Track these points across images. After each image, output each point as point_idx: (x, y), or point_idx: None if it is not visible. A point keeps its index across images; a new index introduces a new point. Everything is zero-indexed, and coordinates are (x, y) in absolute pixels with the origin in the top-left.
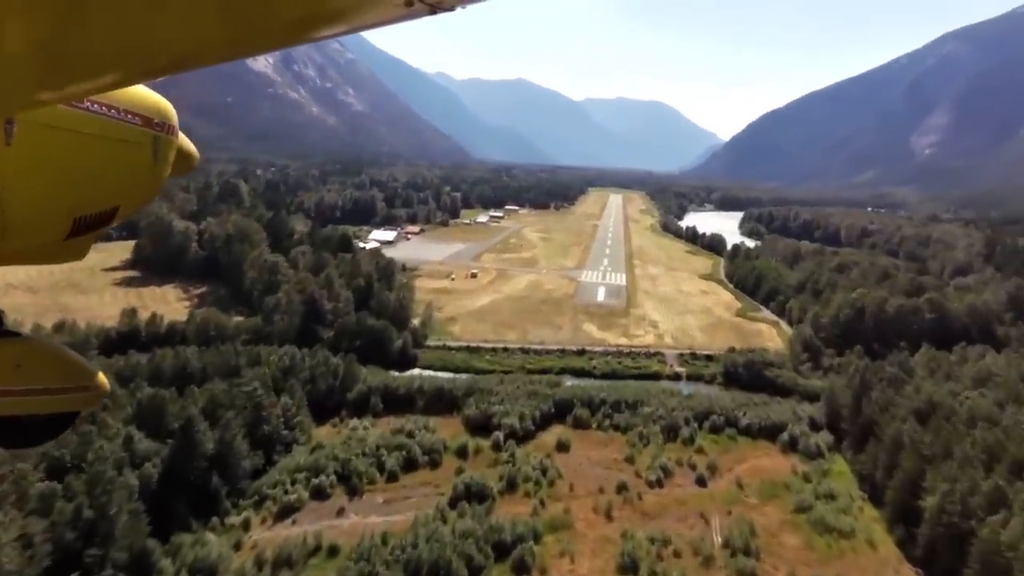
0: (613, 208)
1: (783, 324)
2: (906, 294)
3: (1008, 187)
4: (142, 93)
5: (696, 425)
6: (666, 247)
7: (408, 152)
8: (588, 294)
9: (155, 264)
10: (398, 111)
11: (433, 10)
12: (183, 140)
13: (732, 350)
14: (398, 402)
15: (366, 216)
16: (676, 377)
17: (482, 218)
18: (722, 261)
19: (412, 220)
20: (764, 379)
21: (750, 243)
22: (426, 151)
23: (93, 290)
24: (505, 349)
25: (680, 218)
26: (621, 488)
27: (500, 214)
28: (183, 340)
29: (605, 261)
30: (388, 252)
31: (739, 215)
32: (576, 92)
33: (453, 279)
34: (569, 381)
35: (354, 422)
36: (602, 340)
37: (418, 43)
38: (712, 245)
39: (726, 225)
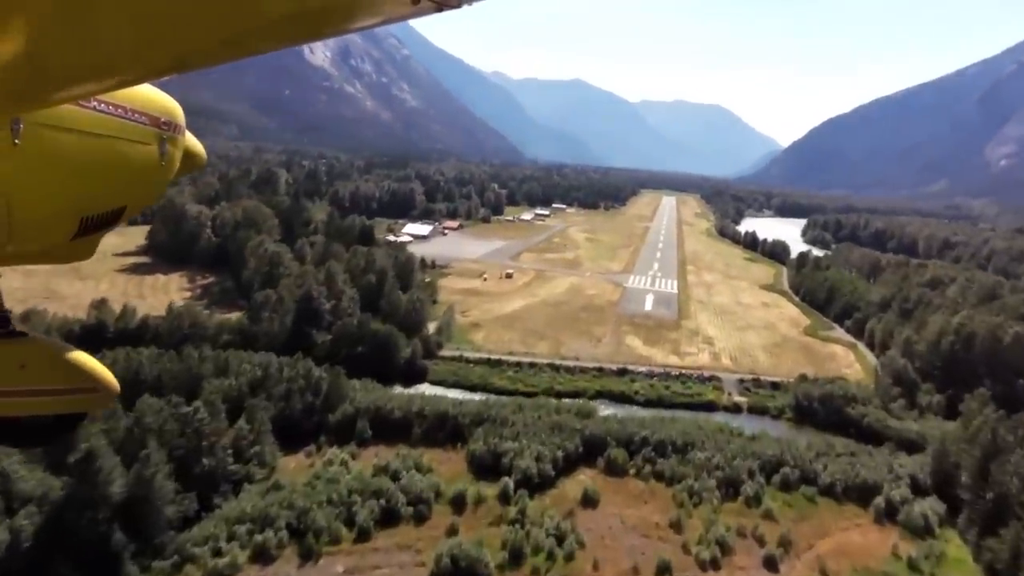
0: (666, 210)
1: (862, 347)
2: (1022, 318)
3: None
4: (149, 93)
5: (763, 479)
6: (723, 253)
7: (461, 149)
8: (634, 302)
9: (167, 250)
10: (453, 108)
11: (439, 7)
12: (190, 139)
13: (804, 378)
14: (391, 428)
15: (404, 209)
16: (735, 409)
17: (526, 215)
18: (785, 271)
19: (452, 215)
20: (846, 418)
21: (817, 252)
22: (479, 149)
23: (93, 276)
24: (532, 365)
25: (737, 223)
26: (663, 571)
27: (546, 212)
28: (156, 339)
29: (655, 266)
30: (421, 248)
31: (801, 222)
32: (632, 94)
33: (485, 279)
34: (605, 409)
35: (332, 452)
36: (648, 358)
37: (475, 42)
38: (774, 252)
39: (787, 232)
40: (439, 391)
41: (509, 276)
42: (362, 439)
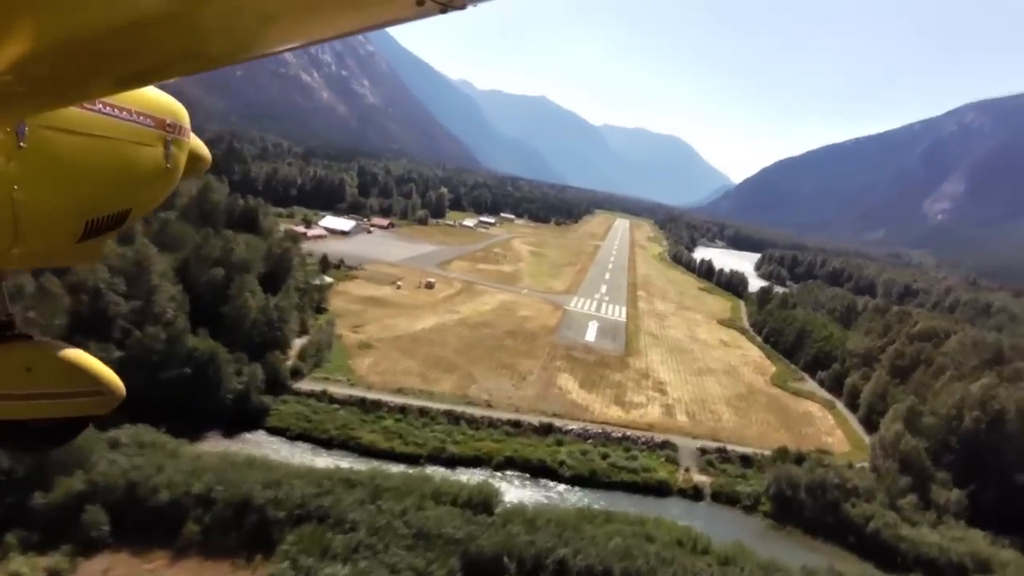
0: (619, 231)
1: (840, 406)
2: None
3: None
4: (154, 95)
5: None
6: (676, 281)
7: (417, 151)
8: (575, 330)
9: None
10: (413, 110)
11: (444, 9)
12: (195, 142)
13: (784, 454)
14: (149, 521)
15: (331, 201)
16: (695, 494)
17: (469, 222)
18: (743, 306)
19: (386, 213)
20: (843, 519)
21: (777, 288)
22: (436, 153)
23: None
24: (423, 412)
25: (691, 251)
26: None
27: (492, 221)
28: None
29: (603, 288)
30: (337, 245)
31: (754, 256)
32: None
33: (399, 287)
34: (513, 488)
35: (21, 564)
36: (583, 408)
37: (444, 48)
38: (731, 284)
39: (740, 265)
40: (277, 445)
41: (429, 286)
42: (90, 541)
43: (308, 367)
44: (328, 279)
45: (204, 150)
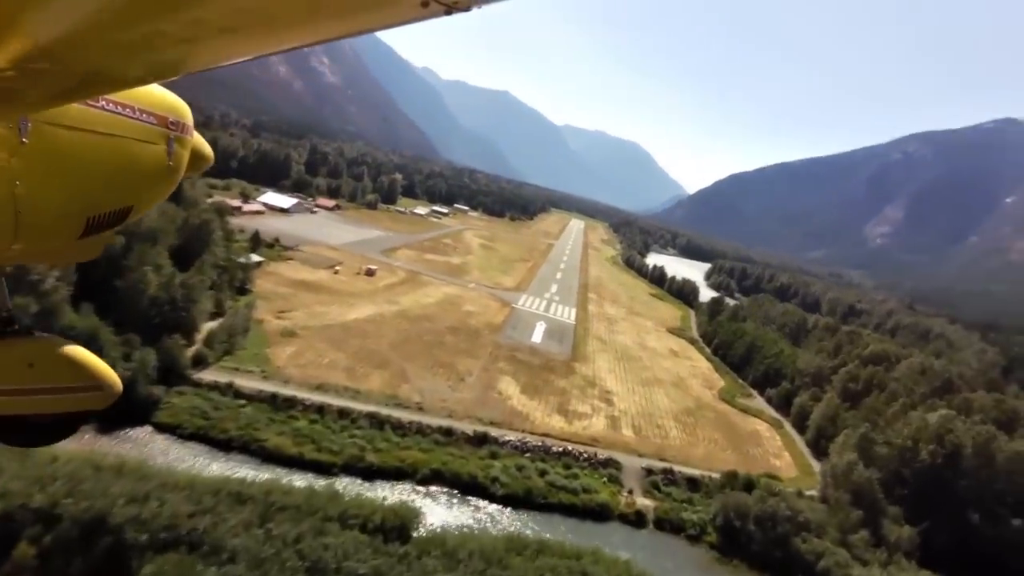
0: (574, 231)
1: (788, 427)
2: (996, 423)
3: (960, 292)
4: (157, 93)
5: None
6: (628, 285)
7: (375, 136)
8: (521, 329)
9: None
10: (374, 94)
11: (449, 10)
12: (198, 139)
13: (732, 478)
14: None
15: (275, 177)
16: (638, 520)
17: (421, 210)
18: (693, 315)
19: (334, 193)
20: (792, 554)
21: (728, 300)
22: (394, 140)
23: None
24: (344, 413)
25: (644, 256)
26: None
27: (445, 211)
28: None
29: (553, 287)
30: (275, 223)
31: (704, 265)
32: (557, 116)
33: (337, 271)
34: (438, 507)
35: None
36: (523, 417)
37: (410, 35)
38: (682, 292)
39: (691, 273)
40: (164, 445)
41: (370, 273)
42: None
43: (216, 355)
44: (257, 258)
45: (206, 148)
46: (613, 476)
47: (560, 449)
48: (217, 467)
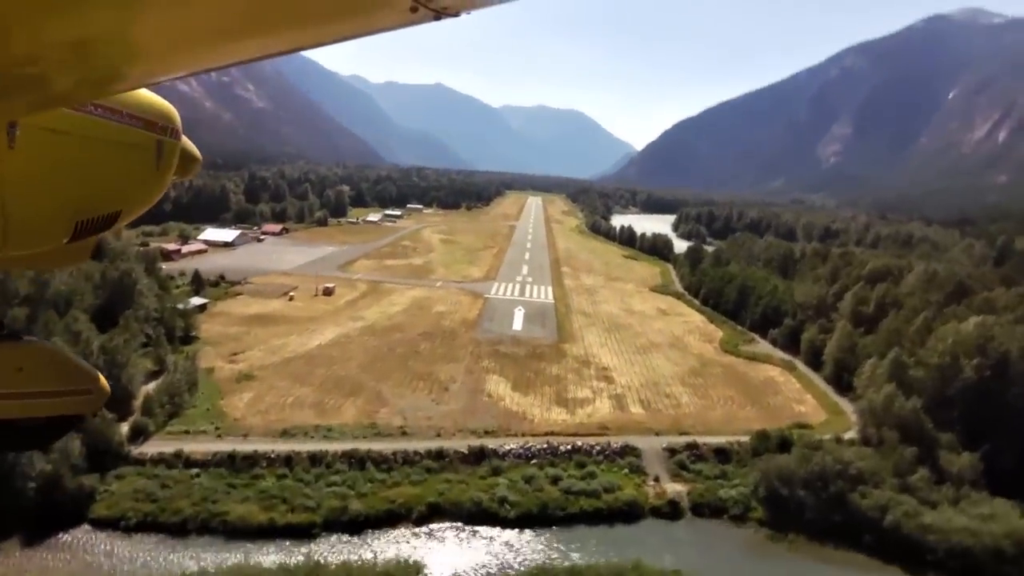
0: (532, 209)
1: (801, 366)
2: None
3: (921, 194)
4: (145, 97)
5: None
6: (599, 251)
7: (315, 153)
8: (499, 320)
9: None
10: (306, 110)
11: (438, 16)
12: (186, 143)
13: (763, 438)
14: None
15: (215, 212)
16: (672, 511)
17: (374, 217)
18: (672, 269)
19: (280, 217)
20: (853, 515)
21: (706, 248)
22: (335, 152)
23: None
24: (316, 459)
25: (607, 220)
26: None
27: (398, 213)
28: None
29: (524, 270)
30: (219, 259)
31: (668, 217)
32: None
33: (292, 298)
34: (444, 552)
35: None
36: (521, 416)
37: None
38: (655, 248)
39: (657, 227)
40: (107, 543)
41: (328, 292)
42: None
43: (157, 421)
44: (199, 300)
45: (195, 151)
46: (634, 465)
47: (568, 447)
48: (174, 558)
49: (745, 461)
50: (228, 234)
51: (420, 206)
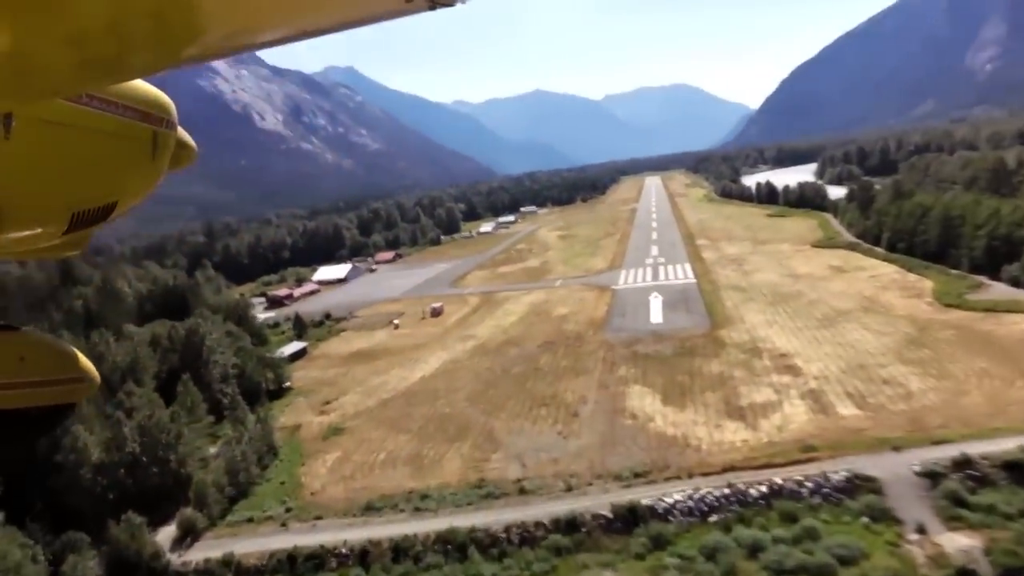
0: (652, 188)
1: None
2: None
3: None
4: (141, 87)
5: None
6: (736, 216)
7: (430, 181)
8: (633, 313)
9: None
10: (416, 143)
11: (432, 5)
12: (182, 134)
13: None
14: None
15: (330, 251)
16: None
17: (486, 227)
18: (830, 219)
19: (393, 245)
20: None
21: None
22: (449, 176)
23: None
24: (398, 551)
25: (736, 182)
26: None
27: (511, 218)
28: None
29: (654, 250)
30: (331, 296)
31: (808, 167)
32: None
33: (397, 326)
34: None
35: None
36: (680, 442)
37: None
38: (803, 199)
39: (798, 178)
40: None
41: (436, 313)
42: None
43: (213, 512)
44: (297, 346)
45: (190, 142)
46: (875, 507)
47: (764, 488)
48: None
49: None
50: (340, 270)
51: (534, 208)
